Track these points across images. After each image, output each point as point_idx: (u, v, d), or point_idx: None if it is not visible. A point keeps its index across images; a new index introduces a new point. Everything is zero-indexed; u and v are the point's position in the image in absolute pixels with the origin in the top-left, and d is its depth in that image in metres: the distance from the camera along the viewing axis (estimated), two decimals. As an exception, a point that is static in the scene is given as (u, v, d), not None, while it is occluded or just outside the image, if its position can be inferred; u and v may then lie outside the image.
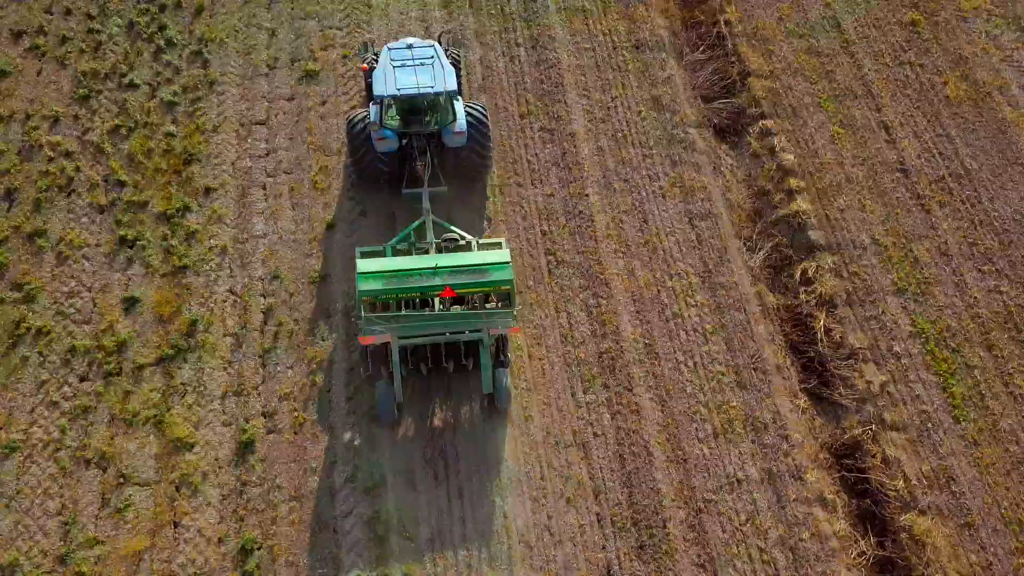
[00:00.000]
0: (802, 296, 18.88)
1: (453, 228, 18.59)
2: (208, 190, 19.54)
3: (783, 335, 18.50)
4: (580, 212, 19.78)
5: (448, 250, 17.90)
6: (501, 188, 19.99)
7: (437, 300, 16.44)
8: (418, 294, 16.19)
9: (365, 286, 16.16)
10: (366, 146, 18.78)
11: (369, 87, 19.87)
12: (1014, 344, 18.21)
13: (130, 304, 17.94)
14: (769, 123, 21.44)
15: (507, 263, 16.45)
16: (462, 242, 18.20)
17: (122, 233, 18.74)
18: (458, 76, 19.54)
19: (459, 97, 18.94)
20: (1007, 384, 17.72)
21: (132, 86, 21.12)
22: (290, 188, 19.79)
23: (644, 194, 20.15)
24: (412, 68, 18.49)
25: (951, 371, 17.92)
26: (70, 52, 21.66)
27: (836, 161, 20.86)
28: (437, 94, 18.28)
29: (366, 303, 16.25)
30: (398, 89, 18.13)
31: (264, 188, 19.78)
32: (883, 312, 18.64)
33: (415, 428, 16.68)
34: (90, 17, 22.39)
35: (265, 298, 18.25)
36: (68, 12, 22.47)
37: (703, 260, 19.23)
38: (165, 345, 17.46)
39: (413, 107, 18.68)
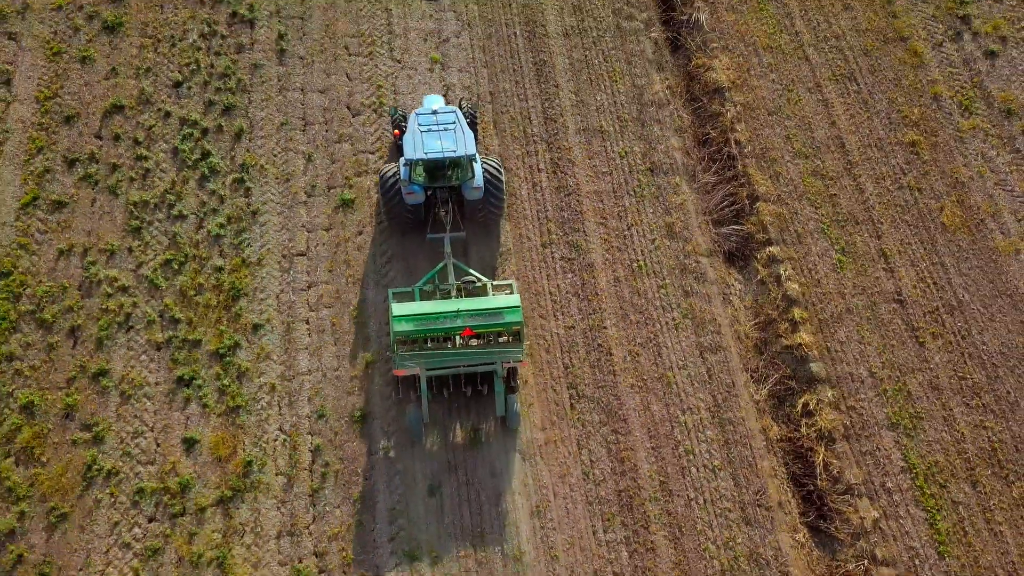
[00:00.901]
0: (803, 430, 20.56)
1: (471, 271, 21.44)
2: (256, 326, 21.16)
3: (785, 469, 20.20)
4: (599, 345, 21.36)
5: (467, 292, 20.86)
6: (527, 321, 21.57)
7: (458, 337, 19.29)
8: (443, 333, 19.16)
9: (399, 327, 19.08)
10: (397, 198, 21.73)
11: (399, 148, 22.84)
12: (996, 480, 19.88)
13: (190, 445, 19.66)
14: (775, 250, 22.93)
15: (518, 307, 19.32)
16: (478, 284, 21.01)
17: (179, 373, 20.40)
18: (475, 131, 23.00)
19: (477, 156, 21.53)
20: (988, 521, 19.43)
21: (181, 217, 22.64)
22: (331, 323, 21.38)
23: (659, 326, 21.70)
24: (437, 133, 21.36)
25: (938, 507, 19.62)
26: (121, 181, 23.14)
27: (837, 291, 22.35)
28: (458, 157, 20.94)
29: (399, 341, 19.09)
30: (425, 153, 20.98)
31: (307, 323, 21.39)
32: (877, 447, 20.29)
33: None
34: (137, 142, 23.82)
35: (312, 437, 19.95)
36: (117, 137, 23.89)
37: (713, 395, 20.84)
38: (224, 486, 19.19)
39: (438, 166, 21.49)
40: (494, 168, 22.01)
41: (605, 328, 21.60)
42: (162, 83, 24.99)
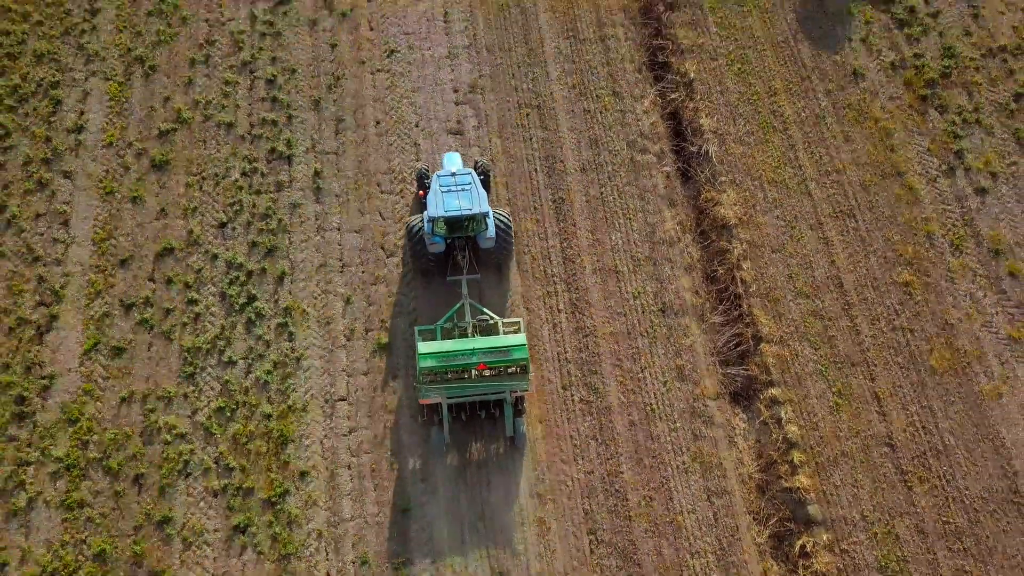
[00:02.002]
0: (800, 572, 22.60)
1: (484, 309, 24.99)
2: (303, 473, 23.17)
3: (784, 610, 22.30)
4: (616, 490, 23.36)
5: (481, 330, 24.42)
6: (548, 465, 23.59)
7: (474, 371, 22.78)
8: (461, 368, 22.77)
9: (424, 364, 22.66)
10: (421, 246, 25.29)
11: (424, 205, 26.30)
12: (975, 622, 21.97)
13: (247, 591, 21.80)
14: (777, 392, 24.84)
15: (524, 345, 22.83)
16: (491, 321, 24.58)
17: (235, 520, 22.48)
18: (488, 189, 26.69)
19: (490, 211, 25.06)
20: (966, 663, 21.56)
21: (231, 363, 24.59)
22: (371, 468, 23.39)
23: (670, 470, 23.68)
24: (456, 193, 24.97)
25: (921, 649, 21.72)
26: (174, 325, 25.08)
27: (834, 434, 24.28)
28: (474, 213, 24.49)
29: (424, 374, 22.63)
30: (446, 211, 24.64)
31: (349, 468, 23.40)
32: (868, 590, 22.38)
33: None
34: (187, 286, 25.71)
35: (357, 582, 22.08)
36: (169, 281, 25.78)
37: (718, 538, 22.86)
38: (279, 632, 21.33)
39: (456, 221, 24.98)
40: (504, 220, 25.63)
41: (621, 473, 23.60)
42: (208, 223, 26.87)
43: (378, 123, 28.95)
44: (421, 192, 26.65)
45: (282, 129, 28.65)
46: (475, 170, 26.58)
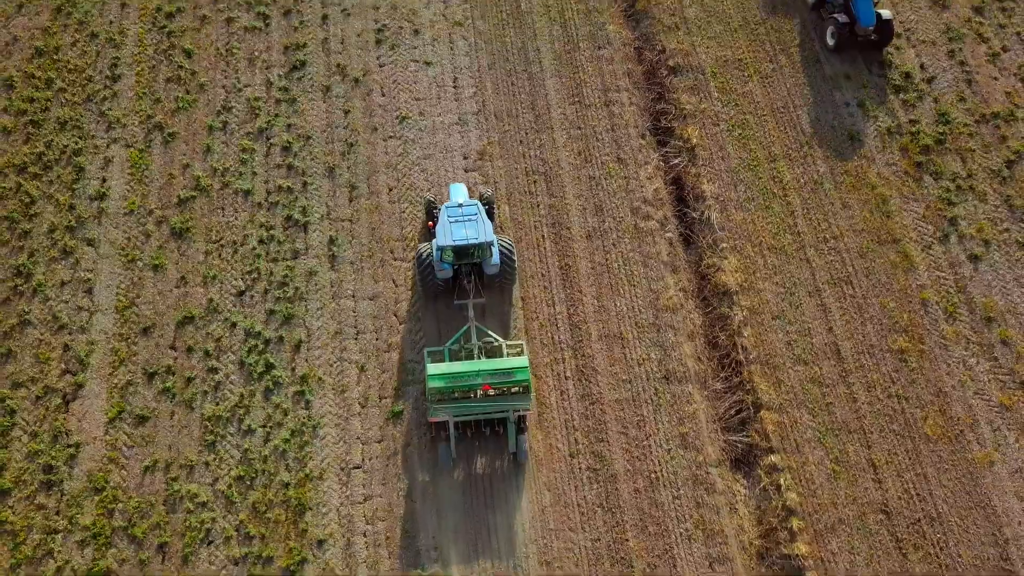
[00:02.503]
0: (799, 638, 23.48)
1: (489, 331, 26.85)
2: (320, 541, 24.05)
3: (783, 676, 23.13)
4: (622, 558, 24.22)
5: (486, 352, 26.27)
6: (557, 533, 24.47)
7: (479, 392, 24.59)
8: (467, 388, 24.66)
9: (433, 384, 24.43)
10: (430, 273, 27.05)
11: (432, 233, 28.06)
12: None
13: (268, 659, 22.67)
14: (776, 458, 25.73)
15: (526, 367, 24.62)
16: (495, 343, 26.52)
17: (256, 591, 23.43)
18: (492, 218, 28.60)
19: (495, 240, 26.96)
20: None
21: (250, 431, 25.51)
22: (386, 537, 24.26)
23: (673, 538, 24.55)
24: (462, 223, 26.72)
25: None
26: (195, 394, 26.00)
27: (831, 501, 25.15)
28: (480, 242, 26.37)
29: (433, 394, 24.41)
30: (453, 240, 26.43)
31: (365, 536, 24.27)
32: (864, 656, 23.22)
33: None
34: (207, 354, 26.65)
35: (373, 649, 22.93)
36: (190, 349, 26.72)
37: (720, 605, 23.77)
38: None
39: (463, 250, 26.72)
40: (507, 247, 27.38)
41: (627, 540, 24.45)
42: (227, 291, 27.81)
43: (391, 190, 29.95)
44: (430, 223, 28.30)
45: (297, 196, 29.67)
46: (480, 201, 28.16)
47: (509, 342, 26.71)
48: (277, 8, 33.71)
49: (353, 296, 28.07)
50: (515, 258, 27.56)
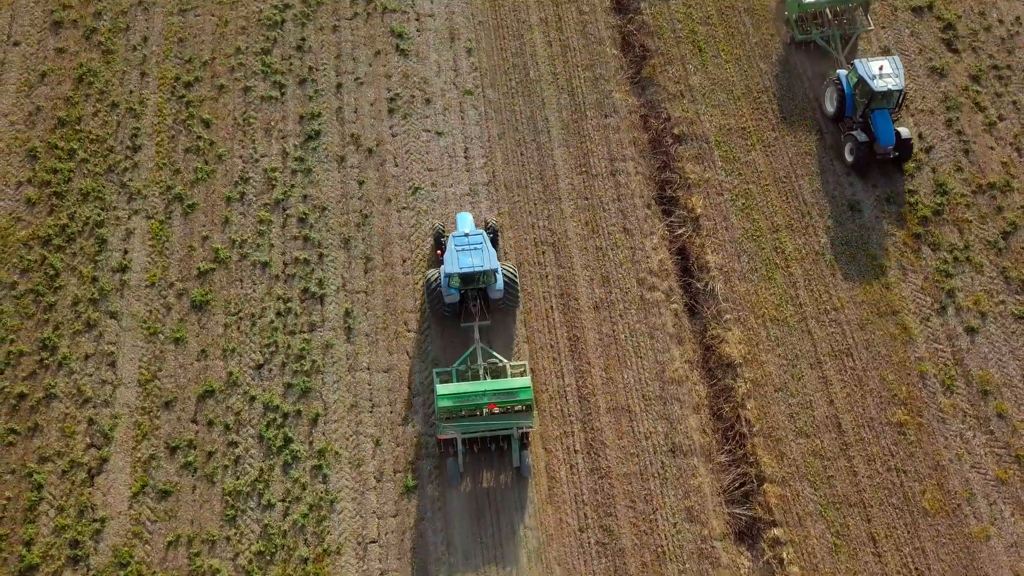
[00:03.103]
0: None
1: (493, 352, 28.62)
2: (338, 617, 24.90)
3: None
4: (629, 632, 25.05)
5: (492, 373, 27.97)
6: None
7: (485, 410, 26.23)
8: (474, 407, 26.31)
9: (443, 404, 25.99)
10: (438, 297, 28.81)
11: (440, 260, 29.80)
12: None
13: None
14: (779, 532, 26.51)
15: (528, 387, 26.21)
16: (500, 364, 28.23)
17: (277, 665, 24.21)
18: (496, 246, 30.48)
19: (499, 267, 28.57)
20: None
21: (269, 506, 26.31)
22: (401, 611, 25.13)
23: (679, 612, 25.39)
24: (468, 252, 28.42)
25: None
26: (216, 468, 26.84)
27: (832, 575, 25.94)
28: (485, 270, 28.10)
29: (442, 412, 26.02)
30: (460, 268, 28.13)
31: (381, 611, 25.14)
32: None
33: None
34: (227, 428, 27.48)
35: None
36: (210, 423, 27.56)
37: None
38: None
39: (469, 276, 28.43)
40: (511, 273, 29.15)
41: (634, 614, 25.32)
42: (246, 364, 28.68)
43: (404, 261, 30.82)
44: (439, 251, 30.20)
45: (314, 268, 30.54)
46: (485, 230, 30.00)
47: (513, 363, 28.33)
48: (292, 77, 34.71)
49: (368, 369, 28.90)
50: (518, 283, 29.48)
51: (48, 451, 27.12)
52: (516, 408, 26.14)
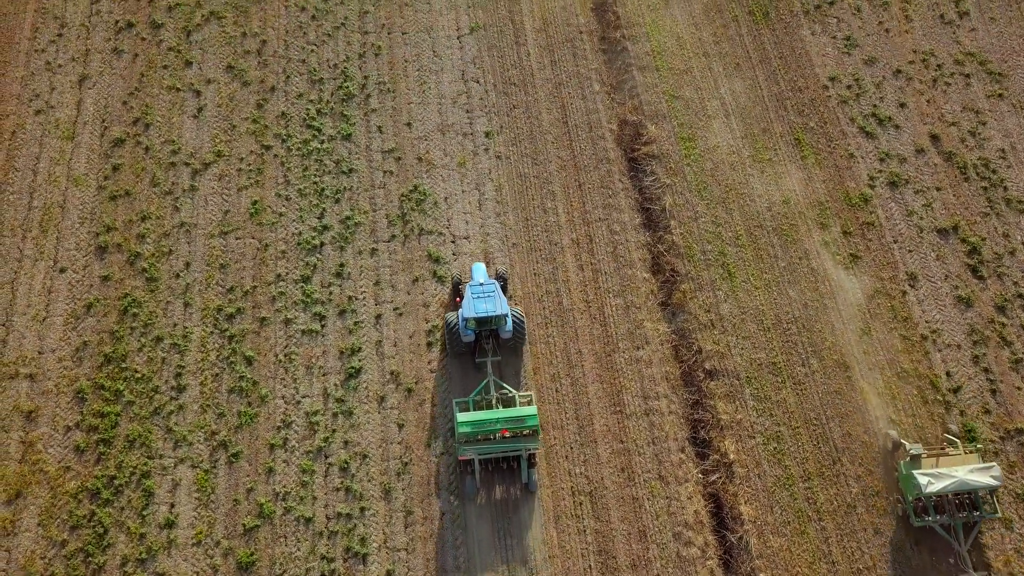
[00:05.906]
0: None
1: (504, 384, 33.45)
2: None
3: None
4: None
5: (503, 403, 32.93)
6: None
7: (498, 435, 31.16)
8: (489, 432, 31.20)
9: (462, 430, 30.83)
10: (456, 337, 33.66)
11: (457, 305, 35.11)
12: None
13: None
14: None
15: (535, 415, 31.11)
16: (510, 395, 33.16)
17: None
18: (506, 292, 35.77)
19: (508, 312, 33.56)
20: None
21: None
22: None
23: None
24: (483, 299, 33.38)
25: None
26: None
27: None
28: (497, 314, 33.06)
29: (461, 437, 30.81)
30: (475, 313, 33.07)
31: None
32: None
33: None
34: None
35: None
36: None
37: None
38: None
39: (483, 319, 33.30)
40: (519, 318, 34.02)
41: None
42: (291, 632, 29.23)
43: (443, 515, 31.40)
44: (458, 299, 35.15)
45: (356, 524, 31.13)
46: (496, 278, 35.26)
47: (521, 394, 33.24)
48: (332, 307, 35.52)
49: (411, 636, 29.49)
50: (525, 325, 34.39)
51: None
52: (524, 432, 31.08)
